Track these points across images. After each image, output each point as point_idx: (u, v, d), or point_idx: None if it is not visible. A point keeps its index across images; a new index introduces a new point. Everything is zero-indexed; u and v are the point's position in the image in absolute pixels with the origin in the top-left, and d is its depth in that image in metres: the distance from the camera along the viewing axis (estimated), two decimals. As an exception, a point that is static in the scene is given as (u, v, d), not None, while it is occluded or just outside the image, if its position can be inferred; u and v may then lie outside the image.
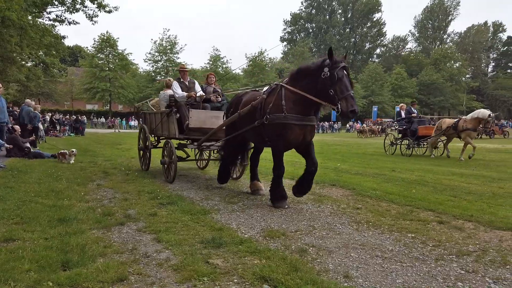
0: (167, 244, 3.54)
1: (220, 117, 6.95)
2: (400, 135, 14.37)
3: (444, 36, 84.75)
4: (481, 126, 12.04)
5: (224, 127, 6.40)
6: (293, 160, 9.42)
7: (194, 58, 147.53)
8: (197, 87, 7.63)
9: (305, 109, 4.95)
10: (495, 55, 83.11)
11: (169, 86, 8.01)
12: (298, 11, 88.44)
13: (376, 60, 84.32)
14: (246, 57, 60.59)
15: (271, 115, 5.02)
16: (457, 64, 71.12)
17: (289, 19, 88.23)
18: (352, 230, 4.23)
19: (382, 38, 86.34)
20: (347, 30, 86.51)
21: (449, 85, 66.18)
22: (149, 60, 54.87)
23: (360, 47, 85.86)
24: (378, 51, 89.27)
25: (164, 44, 54.09)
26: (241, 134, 5.86)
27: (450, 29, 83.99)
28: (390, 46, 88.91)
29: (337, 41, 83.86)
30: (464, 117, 12.71)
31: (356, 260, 3.26)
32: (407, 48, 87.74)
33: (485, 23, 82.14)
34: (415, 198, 5.74)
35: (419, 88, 65.41)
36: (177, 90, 7.31)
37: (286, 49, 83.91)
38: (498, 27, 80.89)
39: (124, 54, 51.37)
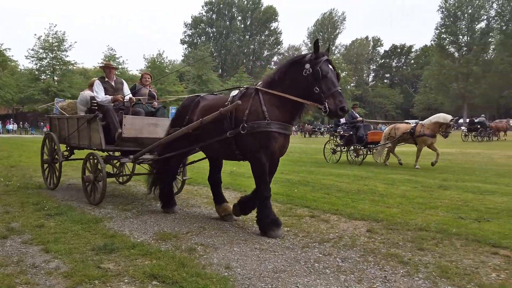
0: (57, 254, 3.59)
1: (159, 124, 6.06)
2: (341, 141, 13.26)
3: (333, 48, 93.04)
4: (441, 130, 11.41)
5: (165, 138, 5.37)
6: (230, 169, 9.70)
7: (86, 57, 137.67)
8: (126, 89, 6.59)
9: (290, 115, 4.36)
10: (374, 67, 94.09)
11: (91, 86, 6.83)
12: (199, 15, 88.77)
13: (274, 67, 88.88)
14: (144, 58, 58.77)
15: (249, 123, 4.25)
16: (344, 74, 78.79)
17: (190, 22, 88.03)
18: (238, 228, 4.74)
19: (279, 47, 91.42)
20: (247, 36, 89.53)
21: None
22: (32, 57, 49.85)
23: (259, 54, 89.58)
24: (275, 58, 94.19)
25: (50, 41, 49.64)
26: (192, 147, 5.12)
27: (337, 41, 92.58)
28: (286, 54, 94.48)
29: (237, 47, 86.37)
30: (421, 122, 12.31)
31: (237, 253, 3.74)
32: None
33: (366, 37, 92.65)
34: (296, 197, 6.53)
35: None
36: (99, 92, 6.21)
37: (187, 52, 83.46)
38: (377, 41, 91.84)
39: (0, 49, 45.85)
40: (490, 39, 69.45)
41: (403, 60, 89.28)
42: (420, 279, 3.11)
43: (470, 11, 68.82)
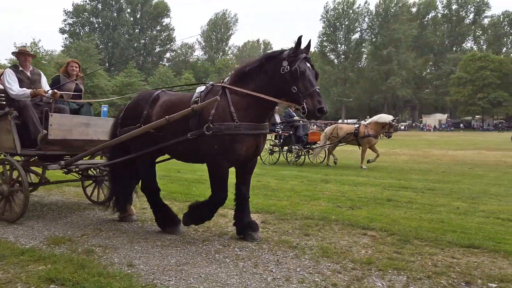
0: None
1: (91, 124, 5.24)
2: (278, 141, 12.85)
3: (226, 48, 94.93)
4: (384, 131, 11.77)
5: (118, 139, 4.54)
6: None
7: None
8: (44, 82, 5.51)
9: (261, 115, 4.05)
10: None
11: None
12: (82, 3, 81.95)
13: (166, 64, 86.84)
14: (14, 45, 51.98)
15: (215, 124, 3.86)
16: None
17: (71, 10, 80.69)
18: (138, 227, 4.74)
19: (171, 43, 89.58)
20: (137, 30, 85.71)
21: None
22: None
23: (150, 49, 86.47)
24: (168, 55, 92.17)
25: None
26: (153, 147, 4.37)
27: (230, 42, 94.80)
28: (179, 51, 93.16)
29: (127, 41, 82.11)
30: (363, 122, 12.36)
31: (139, 251, 3.79)
32: (195, 55, 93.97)
33: (258, 40, 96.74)
34: (194, 195, 6.70)
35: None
36: (12, 83, 5.01)
37: (67, 42, 76.25)
38: (267, 45, 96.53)
39: None
40: (363, 49, 78.67)
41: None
42: (306, 260, 3.59)
43: (347, 22, 76.91)
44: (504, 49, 76.86)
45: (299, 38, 3.85)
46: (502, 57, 65.93)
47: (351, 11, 76.10)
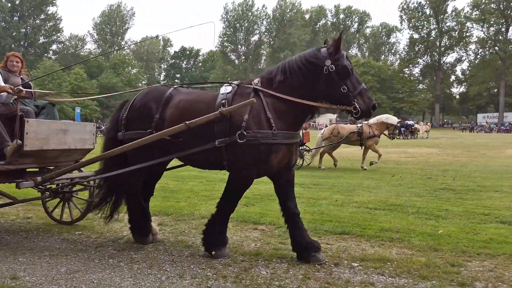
0: None
1: (69, 130, 4.46)
2: None
3: (122, 42, 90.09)
4: (388, 132, 11.59)
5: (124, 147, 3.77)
6: None
7: None
8: None
9: (298, 122, 3.73)
10: (165, 66, 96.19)
11: None
12: None
13: (53, 57, 79.05)
14: None
15: (249, 131, 3.43)
16: (135, 71, 77.50)
17: None
18: (22, 238, 4.45)
19: (58, 34, 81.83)
20: (16, 18, 76.29)
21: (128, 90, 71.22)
22: None
23: (33, 39, 77.78)
24: (54, 47, 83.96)
25: None
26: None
27: (127, 36, 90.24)
28: (68, 44, 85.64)
29: (3, 29, 72.57)
30: (365, 122, 11.75)
31: (24, 263, 3.61)
32: (87, 49, 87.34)
33: (157, 36, 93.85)
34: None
35: (100, 91, 66.67)
36: None
37: None
38: (167, 41, 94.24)
39: None
40: (262, 51, 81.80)
41: (192, 62, 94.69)
42: (201, 257, 3.83)
43: (246, 24, 79.16)
44: (383, 56, 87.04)
45: (341, 34, 3.62)
46: (381, 63, 74.62)
47: (250, 14, 78.58)
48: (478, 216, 5.52)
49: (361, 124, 11.67)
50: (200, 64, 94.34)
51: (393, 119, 11.61)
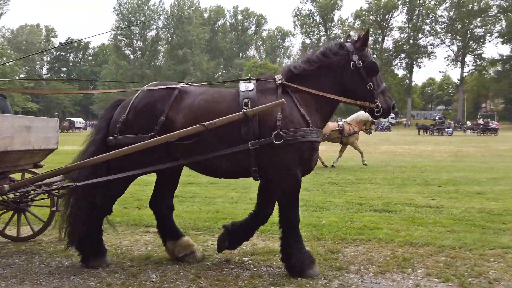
0: None
1: (33, 127, 3.83)
2: None
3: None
4: (365, 128, 11.85)
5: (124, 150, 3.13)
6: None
7: None
8: None
9: (326, 119, 3.52)
10: (49, 58, 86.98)
11: None
12: None
13: None
14: None
15: (286, 131, 3.13)
16: (11, 63, 68.38)
17: None
18: None
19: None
20: None
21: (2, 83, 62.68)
22: None
23: None
24: None
25: None
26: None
27: (1, 23, 79.28)
28: None
29: None
30: (344, 120, 12.08)
31: None
32: None
33: (38, 25, 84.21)
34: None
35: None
36: None
37: None
38: (51, 31, 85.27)
39: None
40: (159, 47, 79.27)
41: (80, 55, 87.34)
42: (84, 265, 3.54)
43: (142, 18, 75.81)
44: (278, 59, 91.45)
45: (368, 30, 3.58)
46: (277, 65, 78.30)
47: (146, 8, 75.47)
48: (356, 206, 6.14)
49: (342, 122, 11.97)
50: (90, 57, 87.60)
51: (367, 115, 12.55)
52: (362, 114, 11.75)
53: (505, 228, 4.81)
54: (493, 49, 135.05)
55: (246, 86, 3.37)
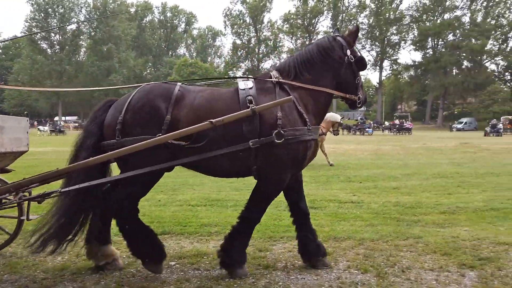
0: None
1: (7, 127, 3.58)
2: None
3: None
4: (333, 129, 11.81)
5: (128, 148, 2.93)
6: None
7: None
8: None
9: (323, 115, 3.60)
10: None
11: None
12: None
13: None
14: None
15: (286, 130, 3.11)
16: None
17: None
18: None
19: None
20: None
21: None
22: None
23: None
24: None
25: None
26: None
27: None
28: None
29: None
30: None
31: None
32: None
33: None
34: None
35: None
36: None
37: None
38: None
39: None
40: (81, 42, 74.39)
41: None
42: (-13, 282, 3.18)
43: (61, 10, 70.64)
44: (209, 58, 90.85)
45: (357, 27, 3.76)
46: (208, 65, 77.71)
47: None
48: (284, 203, 6.25)
49: None
50: (0, 51, 79.49)
51: (337, 117, 12.16)
52: (331, 115, 12.03)
53: (416, 220, 5.25)
54: (407, 55, 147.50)
55: (245, 84, 3.34)
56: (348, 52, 3.51)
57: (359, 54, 3.60)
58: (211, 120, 2.93)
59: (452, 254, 3.86)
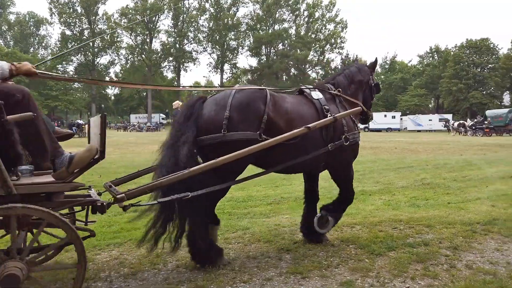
0: None
1: None
2: None
3: None
4: None
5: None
6: None
7: None
8: None
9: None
10: None
11: None
12: None
13: None
14: None
15: (349, 134, 3.87)
16: None
17: None
18: None
19: None
20: None
21: None
22: None
23: None
24: None
25: None
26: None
27: None
28: None
29: None
30: None
31: None
32: None
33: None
34: None
35: None
36: None
37: None
38: None
39: None
40: None
41: None
42: None
43: None
44: (32, 48, 79.03)
45: (376, 58, 4.80)
46: (30, 56, 67.45)
47: None
48: (117, 208, 5.85)
49: None
50: None
51: None
52: None
53: (246, 213, 5.59)
54: (244, 60, 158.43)
55: (316, 94, 3.98)
56: (371, 78, 4.55)
57: (375, 81, 4.65)
58: (308, 125, 3.43)
59: (273, 240, 4.23)
